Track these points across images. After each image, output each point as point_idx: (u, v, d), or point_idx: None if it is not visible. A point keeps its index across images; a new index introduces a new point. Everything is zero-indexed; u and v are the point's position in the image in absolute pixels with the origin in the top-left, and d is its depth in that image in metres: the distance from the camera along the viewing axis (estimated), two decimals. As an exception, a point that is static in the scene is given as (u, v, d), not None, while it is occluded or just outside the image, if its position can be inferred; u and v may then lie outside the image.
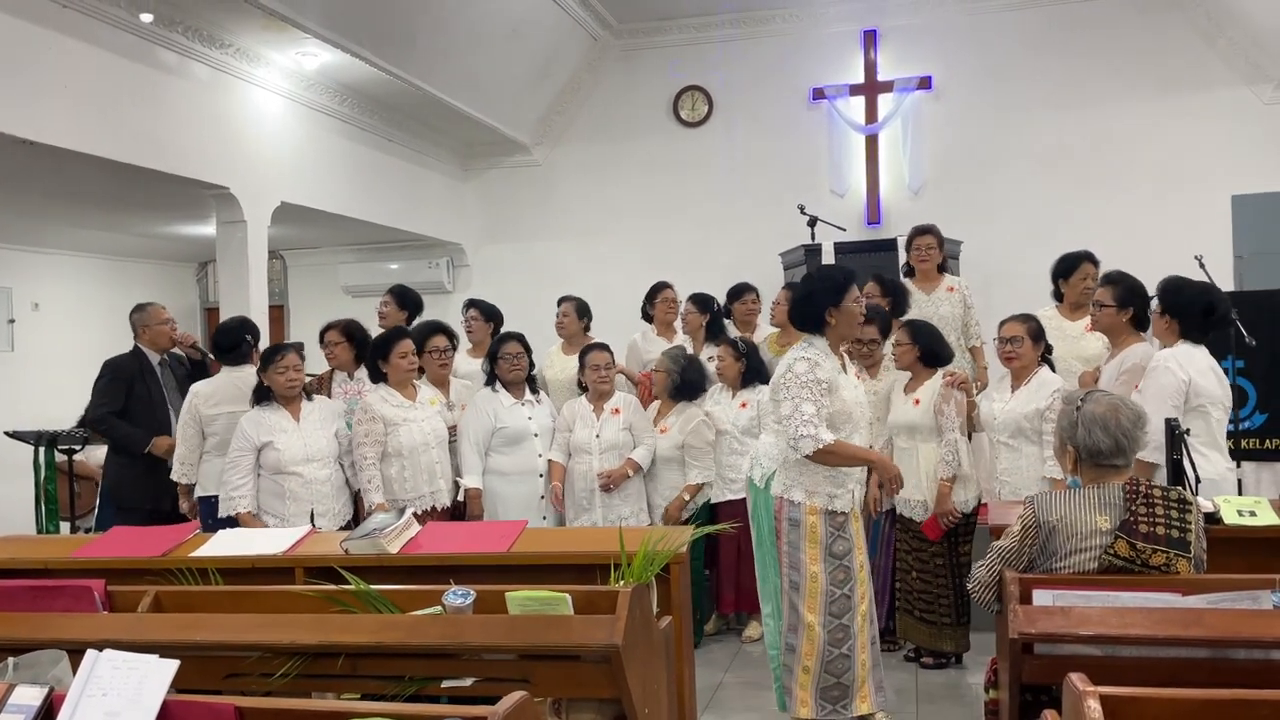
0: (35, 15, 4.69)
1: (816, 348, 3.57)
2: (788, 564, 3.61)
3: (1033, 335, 4.26)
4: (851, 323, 3.64)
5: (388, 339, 4.65)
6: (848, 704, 3.59)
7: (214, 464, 4.61)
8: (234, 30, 5.80)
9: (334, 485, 4.43)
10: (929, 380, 4.48)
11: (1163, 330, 3.88)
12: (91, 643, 2.37)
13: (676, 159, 8.47)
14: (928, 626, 4.52)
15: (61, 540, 4.12)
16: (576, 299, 5.80)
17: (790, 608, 3.63)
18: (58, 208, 6.82)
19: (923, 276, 5.64)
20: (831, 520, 3.55)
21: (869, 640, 3.65)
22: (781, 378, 3.55)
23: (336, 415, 4.56)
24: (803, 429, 3.41)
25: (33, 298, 8.06)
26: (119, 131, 5.19)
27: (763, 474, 3.70)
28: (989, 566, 2.76)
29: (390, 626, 2.49)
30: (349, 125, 7.30)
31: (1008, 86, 7.84)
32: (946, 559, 4.47)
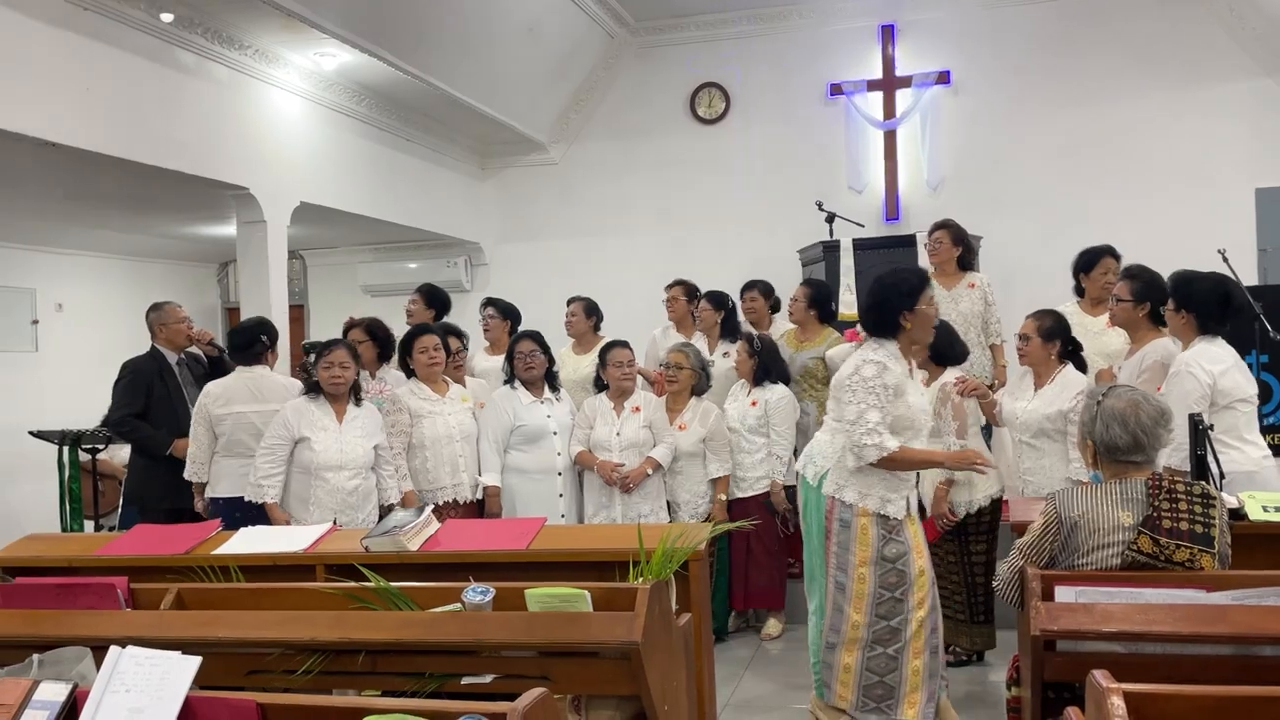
0: (57, 19, 4.74)
1: (887, 350, 3.50)
2: (835, 565, 3.53)
3: (1043, 334, 4.17)
4: (926, 326, 3.58)
5: (411, 335, 4.79)
6: (893, 705, 3.50)
7: (223, 464, 4.64)
8: (253, 31, 5.83)
9: (361, 495, 4.35)
10: (936, 380, 4.46)
11: (1180, 327, 3.81)
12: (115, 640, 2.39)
13: (694, 156, 8.45)
14: (945, 621, 4.50)
15: (85, 538, 4.14)
16: (585, 299, 5.80)
17: (834, 608, 3.55)
18: (80, 209, 6.88)
19: (941, 272, 5.61)
20: (884, 524, 3.47)
21: (925, 647, 3.53)
22: (848, 379, 3.47)
23: (379, 428, 4.46)
24: (867, 437, 3.35)
25: (56, 298, 8.13)
26: (140, 133, 5.23)
27: (816, 472, 3.60)
28: (1012, 565, 2.74)
29: (410, 624, 2.49)
30: (367, 125, 7.33)
31: (1027, 80, 7.78)
32: (958, 557, 4.46)
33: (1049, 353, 4.15)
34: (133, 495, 5.19)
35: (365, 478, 4.36)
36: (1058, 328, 4.20)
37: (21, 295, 7.90)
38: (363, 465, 4.34)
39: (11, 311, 7.79)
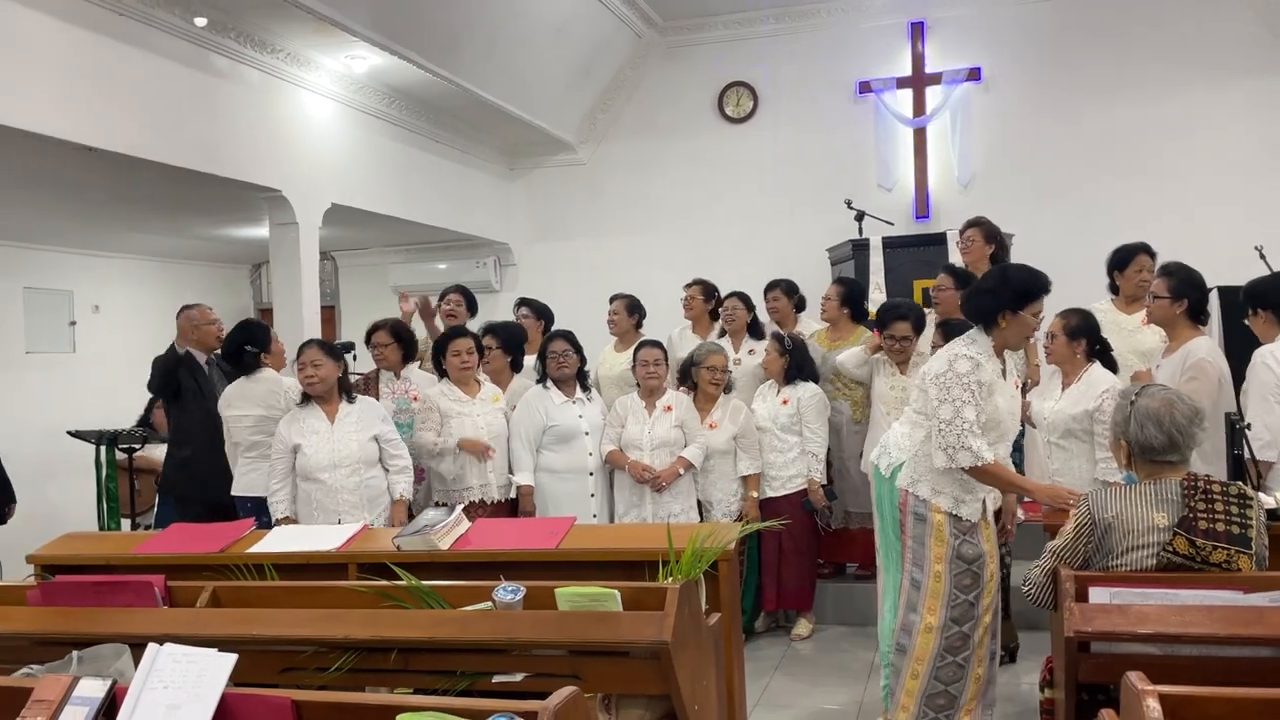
0: (93, 23, 4.81)
1: (980, 346, 3.38)
2: (911, 560, 3.43)
3: (1069, 332, 4.10)
4: (1021, 333, 3.45)
5: (446, 338, 4.84)
6: (952, 714, 3.42)
7: (242, 464, 4.76)
8: (284, 35, 5.89)
9: (364, 495, 4.27)
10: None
11: (1262, 328, 3.91)
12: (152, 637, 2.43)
13: (722, 155, 8.44)
14: None
15: (122, 537, 4.22)
16: (628, 296, 5.82)
17: (908, 607, 3.45)
18: (117, 213, 6.98)
19: (972, 269, 5.57)
20: (957, 525, 3.37)
21: (988, 654, 3.46)
22: (942, 375, 3.34)
23: (379, 419, 4.40)
24: (965, 439, 3.23)
25: (93, 300, 8.26)
26: (175, 137, 5.30)
27: (890, 464, 3.47)
28: (1044, 568, 2.71)
29: (442, 622, 2.51)
30: (397, 127, 7.38)
31: (1059, 76, 7.70)
32: None
33: (1075, 351, 4.10)
34: (165, 485, 5.27)
35: (368, 474, 4.30)
36: (1084, 326, 4.13)
37: (60, 297, 8.03)
38: (360, 460, 4.26)
39: (50, 313, 7.91)
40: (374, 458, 4.33)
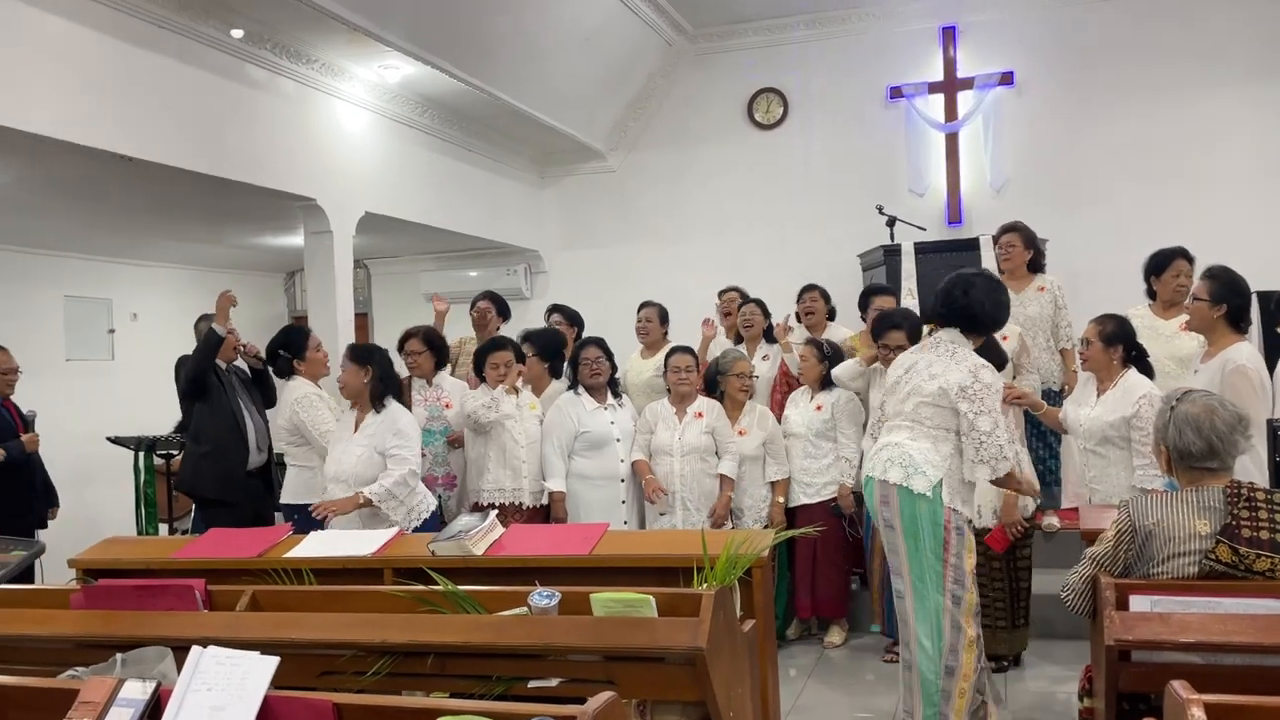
0: (133, 36, 4.89)
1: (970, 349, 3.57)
2: (953, 579, 3.43)
3: (1105, 338, 4.06)
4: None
5: (486, 349, 4.87)
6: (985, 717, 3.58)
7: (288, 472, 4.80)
8: (319, 46, 5.96)
9: (362, 513, 4.09)
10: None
11: None
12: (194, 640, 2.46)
13: (752, 162, 8.44)
14: (983, 631, 4.44)
15: (162, 541, 4.27)
16: (657, 304, 5.84)
17: (952, 626, 3.44)
18: (155, 222, 7.09)
19: (1010, 275, 5.53)
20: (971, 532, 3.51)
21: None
22: (969, 388, 3.38)
23: (393, 433, 4.14)
24: (1005, 448, 3.32)
25: (131, 308, 8.38)
26: (212, 146, 5.38)
27: (929, 482, 3.41)
28: (1083, 574, 2.68)
29: (478, 627, 2.53)
30: (429, 136, 7.44)
31: (1092, 80, 7.63)
32: (1004, 561, 4.42)
33: (1111, 358, 4.05)
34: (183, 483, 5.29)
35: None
36: (1120, 332, 4.09)
37: (99, 306, 8.16)
38: (356, 478, 4.09)
39: (89, 321, 8.04)
40: (376, 472, 4.10)
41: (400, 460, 4.08)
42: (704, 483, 4.78)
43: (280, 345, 4.88)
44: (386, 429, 4.14)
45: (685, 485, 4.74)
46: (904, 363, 3.68)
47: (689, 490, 4.75)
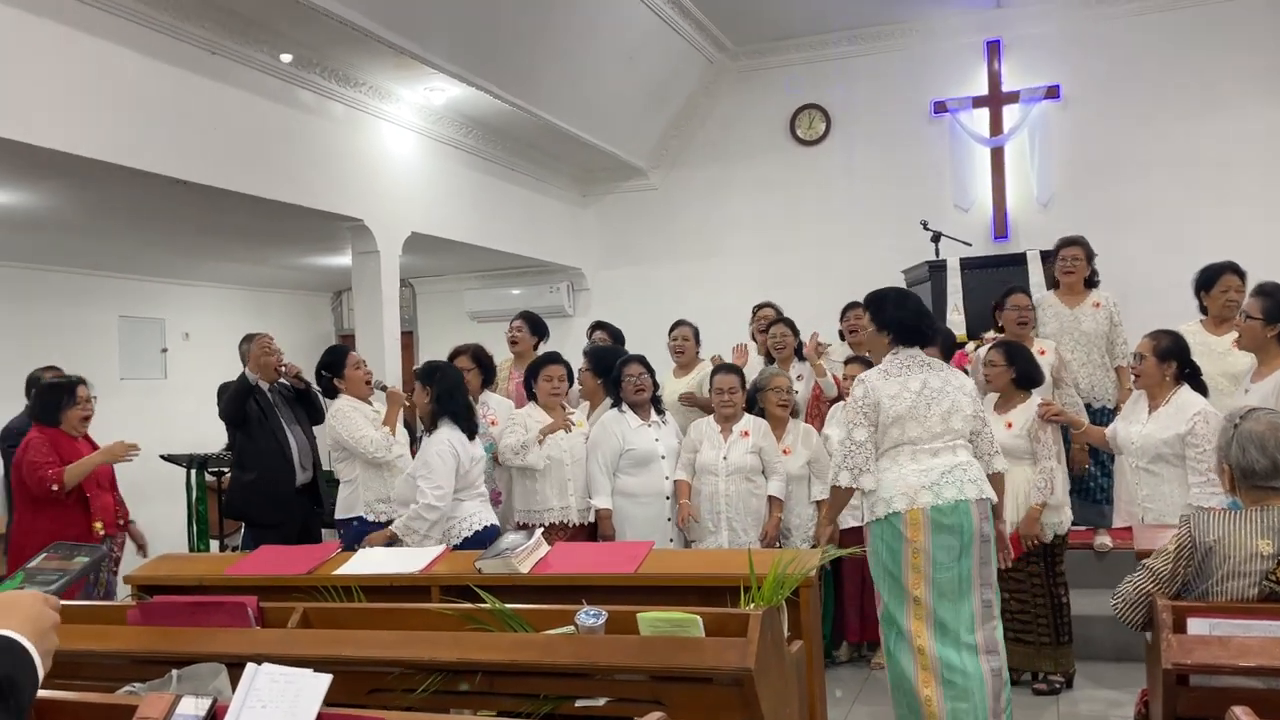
0: (186, 62, 5.01)
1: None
2: (984, 581, 3.56)
3: (1159, 354, 4.00)
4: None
5: (540, 363, 4.90)
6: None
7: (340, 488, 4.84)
8: (367, 69, 6.06)
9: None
10: (1023, 403, 4.37)
11: None
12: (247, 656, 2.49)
13: (794, 178, 8.43)
14: (1025, 647, 4.41)
15: (213, 558, 4.34)
16: (691, 324, 5.83)
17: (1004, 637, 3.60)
18: (206, 243, 7.23)
19: (1067, 290, 5.43)
20: None
21: None
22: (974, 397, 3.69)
23: (421, 461, 4.16)
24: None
25: (183, 328, 8.55)
26: (263, 169, 5.48)
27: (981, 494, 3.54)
28: (1137, 585, 2.63)
29: (525, 645, 2.53)
30: (474, 156, 7.53)
31: (1140, 92, 7.54)
32: (1044, 577, 4.36)
33: (1164, 374, 3.99)
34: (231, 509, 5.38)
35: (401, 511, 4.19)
36: (1175, 348, 4.02)
37: (152, 325, 8.33)
38: (400, 500, 4.27)
39: (143, 341, 8.21)
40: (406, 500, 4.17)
41: (420, 492, 4.05)
42: (749, 503, 4.74)
43: (323, 366, 4.95)
44: (419, 454, 4.17)
45: (730, 505, 4.71)
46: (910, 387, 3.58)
47: (734, 510, 4.71)
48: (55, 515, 4.37)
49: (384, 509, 4.66)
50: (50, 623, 1.29)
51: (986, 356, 4.50)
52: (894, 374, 3.61)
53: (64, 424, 4.53)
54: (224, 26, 5.15)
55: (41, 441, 4.43)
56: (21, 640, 1.22)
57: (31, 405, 4.73)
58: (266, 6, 5.02)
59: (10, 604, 1.27)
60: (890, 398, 3.56)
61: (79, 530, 4.36)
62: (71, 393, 4.58)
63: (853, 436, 3.57)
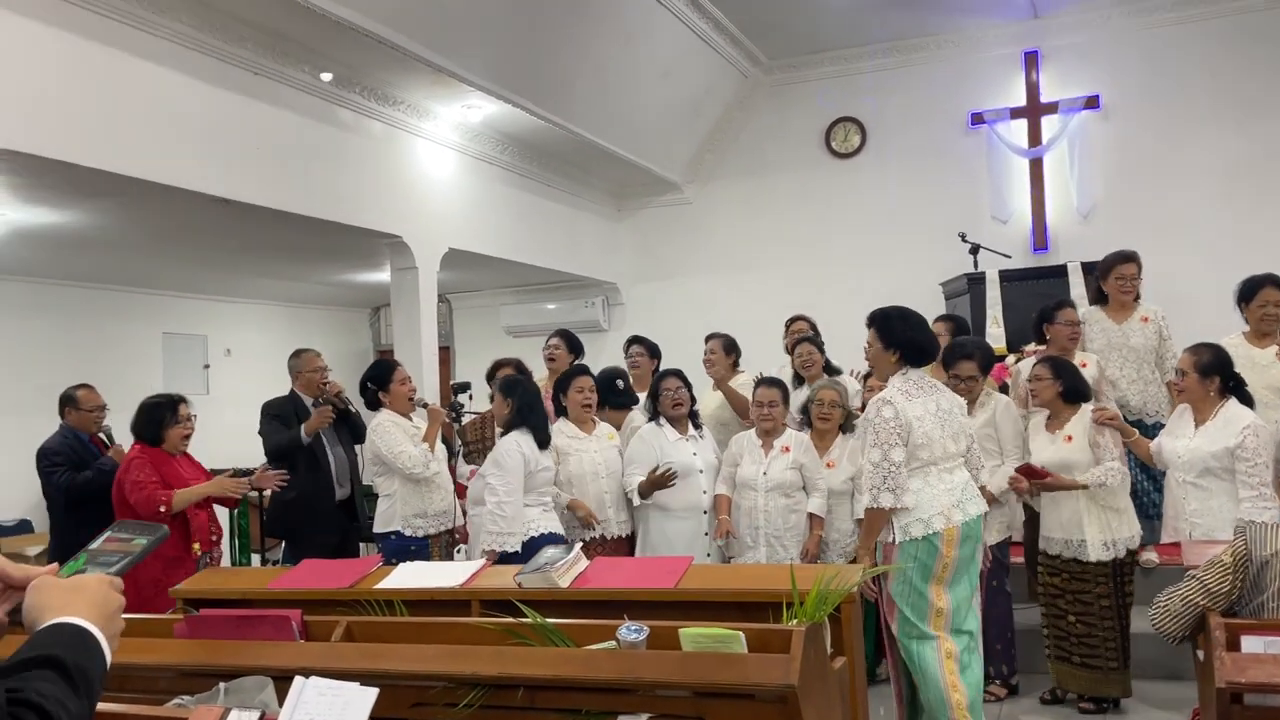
0: (229, 83, 5.10)
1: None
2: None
3: (1200, 368, 3.93)
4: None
5: (569, 375, 4.90)
6: None
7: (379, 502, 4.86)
8: (405, 87, 6.13)
9: (474, 528, 4.42)
10: (1075, 415, 4.30)
11: None
12: (293, 669, 2.51)
13: (829, 191, 8.41)
14: (1091, 672, 4.30)
15: (256, 572, 4.38)
16: (723, 335, 5.78)
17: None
18: (248, 260, 7.34)
19: (1117, 306, 5.32)
20: None
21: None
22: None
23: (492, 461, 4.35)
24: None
25: (225, 344, 8.68)
26: (303, 187, 5.56)
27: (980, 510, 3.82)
28: (1185, 597, 2.56)
29: (566, 660, 2.53)
30: (510, 173, 7.59)
31: (1183, 102, 7.45)
32: (1113, 599, 4.24)
33: (1208, 389, 3.93)
34: (274, 529, 5.42)
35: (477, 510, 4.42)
36: (1216, 362, 3.96)
37: (194, 342, 8.47)
38: (473, 499, 4.46)
39: (186, 357, 8.34)
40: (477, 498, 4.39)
41: (490, 489, 4.23)
42: (789, 519, 4.70)
43: (369, 378, 4.96)
44: (491, 456, 4.36)
45: (770, 521, 4.67)
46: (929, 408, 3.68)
47: (773, 526, 4.68)
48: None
49: (421, 524, 4.70)
50: (116, 605, 1.29)
51: (1033, 371, 4.44)
52: (914, 395, 3.67)
53: (166, 442, 4.54)
54: (266, 48, 5.24)
55: (143, 461, 4.42)
56: (90, 628, 1.22)
57: (134, 423, 4.64)
58: (307, 27, 5.10)
59: (77, 589, 1.27)
60: (917, 419, 3.64)
61: (176, 550, 4.36)
62: (174, 410, 4.59)
63: (890, 458, 3.59)
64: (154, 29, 4.65)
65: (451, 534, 4.87)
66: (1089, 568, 4.24)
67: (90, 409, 5.17)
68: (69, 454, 5.00)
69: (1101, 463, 4.17)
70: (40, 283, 7.22)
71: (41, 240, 6.02)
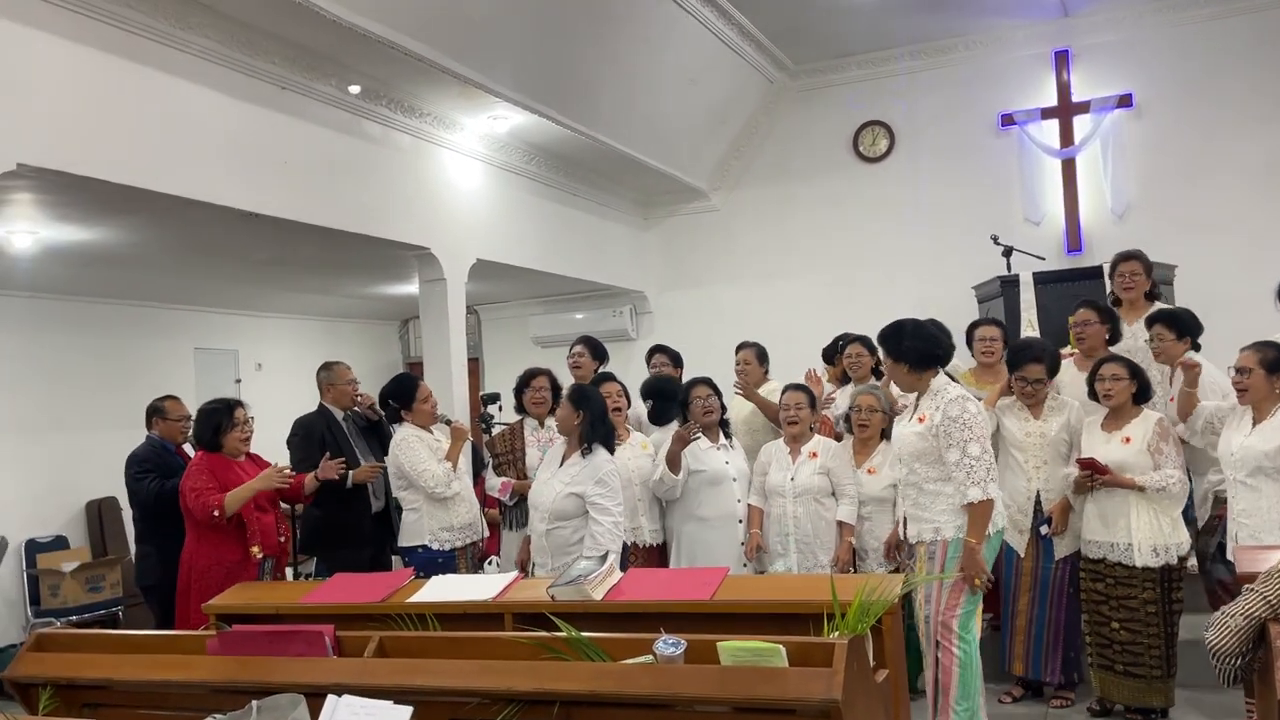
0: (258, 98, 5.12)
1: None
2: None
3: (1267, 366, 3.87)
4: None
5: (596, 382, 4.85)
6: None
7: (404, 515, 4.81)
8: (431, 99, 6.13)
9: (551, 544, 4.23)
10: (1138, 418, 4.20)
11: None
12: (325, 686, 2.49)
13: (858, 196, 8.33)
14: (1134, 681, 4.20)
15: (289, 586, 4.36)
16: (755, 344, 5.72)
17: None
18: (278, 274, 7.37)
19: (1128, 305, 5.27)
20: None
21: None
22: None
23: (594, 480, 4.18)
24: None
25: (256, 358, 8.71)
26: (331, 201, 5.56)
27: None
28: (1246, 610, 2.44)
29: (603, 675, 2.48)
30: (536, 183, 7.57)
31: (1216, 99, 7.32)
32: (1160, 605, 4.14)
33: (1273, 386, 3.85)
34: (306, 546, 5.39)
35: (554, 524, 4.21)
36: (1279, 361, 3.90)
37: (226, 356, 8.51)
38: (553, 513, 4.20)
39: (217, 371, 8.38)
40: (572, 512, 4.19)
41: (603, 510, 4.12)
42: (819, 525, 4.64)
43: (390, 394, 4.93)
44: (589, 475, 4.18)
45: (799, 527, 4.61)
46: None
47: (803, 532, 4.62)
48: (217, 541, 4.36)
49: (448, 537, 4.65)
50: None
51: (1107, 370, 4.32)
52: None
53: (225, 447, 4.56)
54: (293, 62, 5.25)
55: (200, 467, 4.46)
56: None
57: (193, 430, 4.73)
58: (333, 40, 5.11)
59: None
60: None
61: (237, 554, 4.37)
62: (230, 414, 4.61)
63: (986, 449, 3.74)
64: (180, 44, 4.67)
65: (478, 546, 4.83)
66: (1136, 573, 4.14)
67: (177, 419, 5.20)
68: (157, 462, 5.01)
69: (1161, 469, 4.08)
70: (71, 299, 7.28)
71: (71, 257, 6.06)
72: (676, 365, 5.89)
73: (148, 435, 5.17)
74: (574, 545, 4.14)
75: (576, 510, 4.15)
